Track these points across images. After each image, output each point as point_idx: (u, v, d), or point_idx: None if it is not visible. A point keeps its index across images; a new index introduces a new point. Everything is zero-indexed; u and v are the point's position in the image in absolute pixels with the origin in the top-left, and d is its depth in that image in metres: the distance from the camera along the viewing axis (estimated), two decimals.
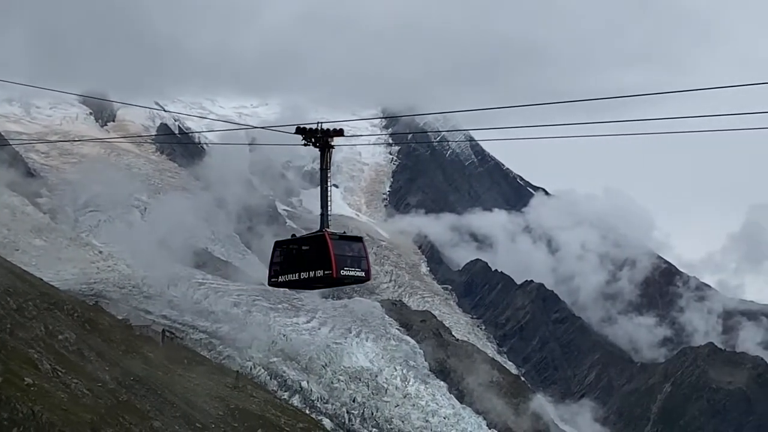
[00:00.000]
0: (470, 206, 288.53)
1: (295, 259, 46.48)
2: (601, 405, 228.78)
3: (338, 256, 44.99)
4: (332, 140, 43.90)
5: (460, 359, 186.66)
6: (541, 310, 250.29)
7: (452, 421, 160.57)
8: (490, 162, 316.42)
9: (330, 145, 43.97)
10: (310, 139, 43.69)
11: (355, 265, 45.68)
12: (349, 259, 45.50)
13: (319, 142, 43.75)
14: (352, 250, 45.90)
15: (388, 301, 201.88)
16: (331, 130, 43.93)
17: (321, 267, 45.20)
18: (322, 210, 45.54)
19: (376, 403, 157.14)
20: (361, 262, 46.05)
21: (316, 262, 45.43)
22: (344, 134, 44.34)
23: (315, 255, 45.45)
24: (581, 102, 40.41)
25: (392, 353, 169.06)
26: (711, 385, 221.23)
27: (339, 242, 45.42)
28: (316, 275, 45.42)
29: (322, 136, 43.67)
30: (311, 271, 45.69)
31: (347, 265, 45.36)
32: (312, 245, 45.83)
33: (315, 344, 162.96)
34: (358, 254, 45.90)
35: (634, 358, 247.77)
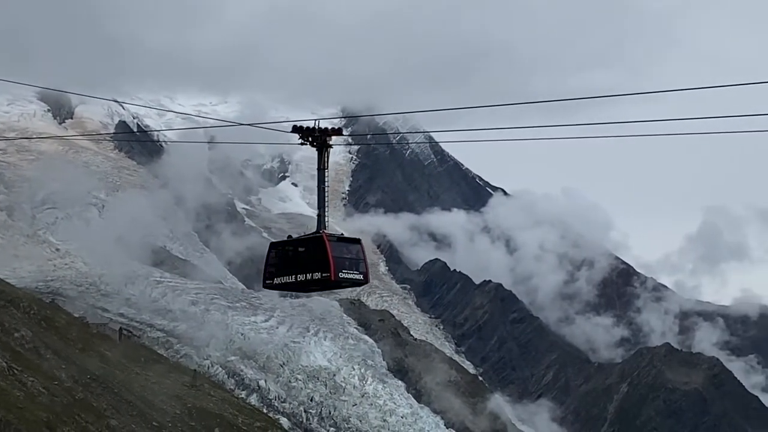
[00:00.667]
0: (429, 206, 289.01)
1: (291, 260, 45.29)
2: (559, 405, 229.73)
3: (336, 258, 43.98)
4: (330, 139, 43.09)
5: (418, 359, 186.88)
6: (499, 310, 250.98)
7: (410, 420, 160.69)
8: (450, 162, 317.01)
9: (328, 144, 43.10)
10: (307, 138, 42.85)
11: (353, 268, 44.69)
12: (347, 262, 44.51)
13: (317, 141, 42.91)
14: (350, 252, 44.87)
15: (347, 300, 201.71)
16: (329, 128, 43.10)
17: (318, 269, 44.16)
18: (319, 211, 44.48)
19: (333, 402, 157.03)
20: (359, 264, 45.03)
21: (313, 264, 44.33)
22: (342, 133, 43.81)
23: (312, 257, 44.33)
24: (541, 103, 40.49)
25: (350, 352, 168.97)
26: (667, 385, 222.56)
27: (337, 244, 44.41)
28: (314, 277, 44.44)
29: (320, 135, 42.81)
30: (308, 274, 44.60)
31: (345, 268, 44.37)
32: (309, 247, 44.66)
33: (273, 343, 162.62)
34: (356, 256, 44.90)
35: (592, 358, 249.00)
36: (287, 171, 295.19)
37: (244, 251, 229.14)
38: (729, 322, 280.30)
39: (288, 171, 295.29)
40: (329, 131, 42.93)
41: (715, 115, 40.13)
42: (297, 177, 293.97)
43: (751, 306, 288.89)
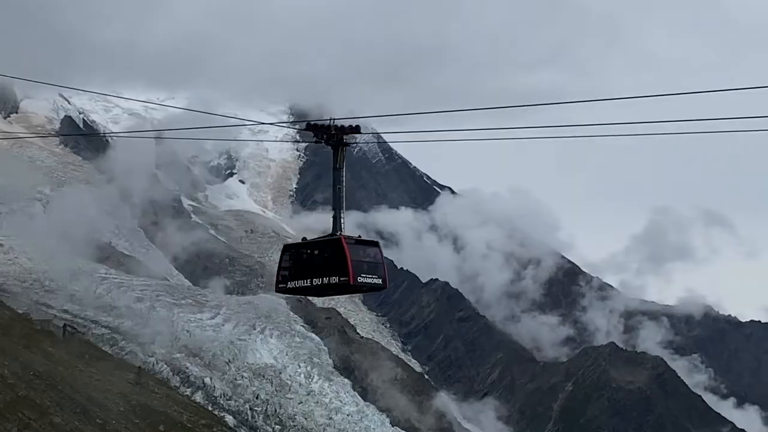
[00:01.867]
0: (376, 204, 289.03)
1: (306, 264, 43.65)
2: (504, 403, 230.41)
3: (355, 261, 42.51)
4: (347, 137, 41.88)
5: (364, 356, 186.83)
6: (445, 308, 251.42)
7: (356, 418, 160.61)
8: (398, 160, 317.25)
9: (345, 142, 42.00)
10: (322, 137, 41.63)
11: (372, 272, 43.03)
12: (365, 265, 42.94)
13: (332, 139, 41.76)
14: (368, 255, 43.33)
15: (293, 297, 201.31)
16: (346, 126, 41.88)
17: (336, 273, 42.51)
18: (334, 212, 43.62)
19: (279, 400, 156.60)
20: (378, 268, 43.42)
21: (330, 267, 42.69)
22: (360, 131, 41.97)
23: (329, 260, 42.77)
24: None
25: (296, 350, 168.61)
26: (611, 384, 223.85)
27: (355, 247, 43.08)
28: (331, 282, 42.82)
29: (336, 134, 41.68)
30: (325, 278, 42.93)
31: (364, 272, 42.75)
32: (326, 250, 43.17)
33: (219, 340, 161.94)
34: (375, 260, 43.41)
35: (537, 357, 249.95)
36: (234, 168, 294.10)
37: (190, 247, 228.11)
38: (673, 322, 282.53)
39: (235, 168, 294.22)
40: (346, 129, 41.75)
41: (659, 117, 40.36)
42: (244, 174, 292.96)
43: (695, 306, 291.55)
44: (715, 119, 39.91)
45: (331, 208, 44.60)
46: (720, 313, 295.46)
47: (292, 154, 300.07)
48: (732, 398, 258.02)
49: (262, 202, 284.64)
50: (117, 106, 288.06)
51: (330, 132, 41.66)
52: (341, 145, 42.21)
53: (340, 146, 42.20)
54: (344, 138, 41.99)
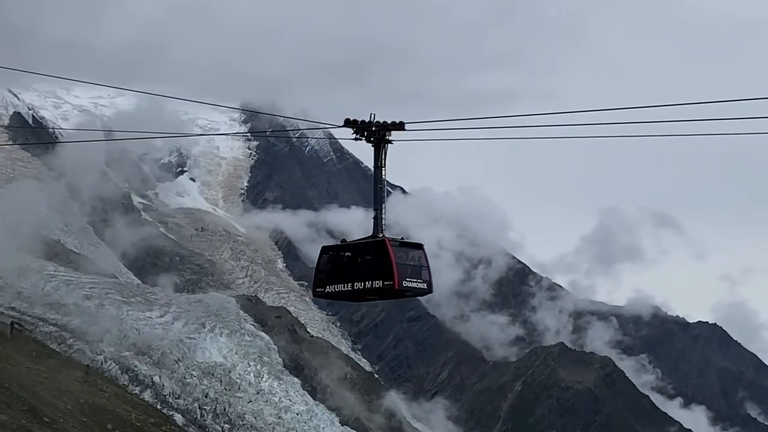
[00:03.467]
0: (328, 203, 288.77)
1: (346, 267, 41.51)
2: (454, 403, 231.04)
3: (400, 265, 40.44)
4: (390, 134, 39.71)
5: (314, 356, 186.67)
6: (396, 308, 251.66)
7: (305, 417, 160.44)
8: (349, 159, 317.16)
9: (387, 140, 39.84)
10: (363, 133, 39.57)
11: (416, 276, 41.00)
12: (410, 269, 40.96)
13: (374, 136, 39.71)
14: (413, 258, 41.27)
15: (244, 296, 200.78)
16: (389, 123, 39.62)
17: (379, 277, 40.43)
18: (375, 212, 41.61)
19: (228, 399, 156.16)
20: (422, 272, 41.36)
21: (373, 271, 40.62)
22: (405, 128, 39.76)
23: (372, 263, 40.73)
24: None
25: (246, 349, 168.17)
26: (560, 384, 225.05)
27: (400, 249, 41.10)
28: (374, 286, 40.74)
29: (378, 130, 39.61)
30: (367, 282, 40.82)
31: (409, 276, 40.72)
32: (368, 252, 41.23)
33: (168, 339, 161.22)
34: (419, 263, 41.38)
35: (487, 356, 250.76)
36: (185, 165, 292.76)
37: (140, 244, 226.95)
38: (622, 322, 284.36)
39: (186, 165, 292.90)
40: (389, 125, 39.68)
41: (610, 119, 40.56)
42: (195, 172, 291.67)
43: (644, 306, 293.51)
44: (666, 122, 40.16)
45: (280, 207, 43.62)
46: (668, 314, 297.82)
47: (243, 152, 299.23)
48: (679, 398, 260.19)
49: (212, 200, 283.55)
50: (67, 103, 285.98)
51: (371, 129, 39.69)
52: (383, 143, 40.09)
53: (382, 143, 40.09)
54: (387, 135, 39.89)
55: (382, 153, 40.31)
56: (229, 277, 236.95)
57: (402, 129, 39.69)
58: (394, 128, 39.65)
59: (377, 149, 40.20)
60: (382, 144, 40.06)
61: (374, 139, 39.88)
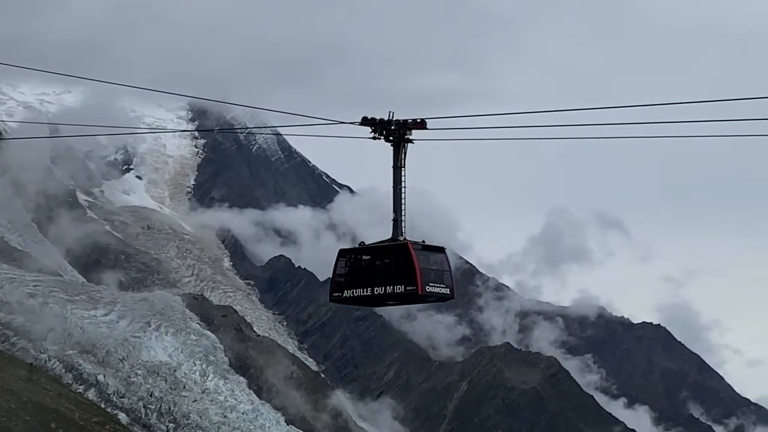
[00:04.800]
0: (275, 202, 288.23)
1: (365, 271, 40.08)
2: (400, 402, 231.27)
3: (423, 269, 39.13)
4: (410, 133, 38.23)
5: (260, 355, 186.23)
6: (343, 307, 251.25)
7: (251, 416, 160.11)
8: (297, 158, 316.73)
9: (408, 139, 38.33)
10: (381, 132, 37.97)
11: (438, 281, 39.74)
12: (432, 273, 39.61)
13: (394, 135, 38.15)
14: (435, 262, 39.91)
15: (190, 295, 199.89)
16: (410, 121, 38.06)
17: (401, 282, 39.09)
18: (394, 215, 40.04)
19: (173, 398, 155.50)
20: (445, 277, 40.07)
21: (395, 276, 39.24)
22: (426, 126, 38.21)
23: (394, 267, 39.30)
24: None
25: (192, 348, 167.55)
26: (506, 384, 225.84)
27: (422, 253, 39.72)
28: (395, 291, 39.52)
29: (397, 129, 38.05)
30: (388, 287, 39.47)
31: (431, 281, 39.43)
32: (389, 256, 39.64)
33: (113, 337, 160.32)
34: (441, 267, 40.08)
35: (433, 356, 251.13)
36: (131, 163, 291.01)
37: (85, 241, 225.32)
38: (567, 322, 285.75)
39: (132, 163, 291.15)
40: (410, 124, 38.12)
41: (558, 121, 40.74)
42: (141, 170, 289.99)
43: (589, 307, 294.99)
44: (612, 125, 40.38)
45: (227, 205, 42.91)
46: (613, 315, 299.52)
47: (190, 150, 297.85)
48: (623, 398, 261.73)
49: (159, 198, 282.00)
50: (12, 99, 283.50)
51: (390, 127, 38.15)
52: (403, 142, 38.54)
53: (402, 143, 38.53)
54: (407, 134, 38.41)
55: (402, 153, 38.89)
56: (175, 275, 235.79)
57: (424, 128, 38.38)
58: (415, 127, 38.37)
59: (396, 149, 38.76)
60: (402, 143, 38.67)
61: (394, 138, 38.50)
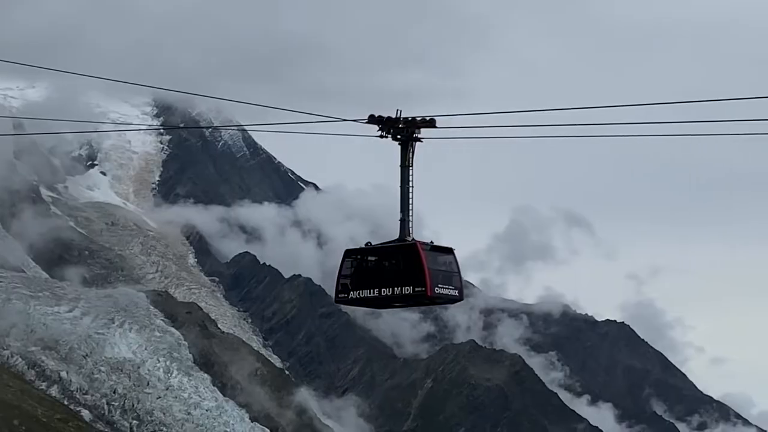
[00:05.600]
0: (240, 198, 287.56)
1: (372, 272, 39.31)
2: (364, 400, 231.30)
3: (432, 270, 38.39)
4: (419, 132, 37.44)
5: (224, 352, 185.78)
6: (308, 304, 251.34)
7: (215, 413, 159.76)
8: (262, 155, 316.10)
9: (416, 137, 37.57)
10: (389, 130, 37.20)
11: (447, 283, 38.94)
12: (441, 275, 38.83)
13: (402, 134, 37.34)
14: (444, 263, 39.12)
15: (154, 291, 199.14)
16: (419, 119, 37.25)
17: (410, 283, 38.26)
18: (402, 215, 39.52)
19: (137, 395, 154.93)
20: (454, 278, 39.38)
21: (403, 277, 38.45)
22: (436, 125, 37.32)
23: (402, 269, 38.55)
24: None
25: (156, 344, 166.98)
26: (470, 381, 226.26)
27: (431, 254, 38.88)
28: (403, 293, 38.59)
29: (406, 127, 37.20)
30: (396, 288, 38.62)
31: (440, 282, 38.64)
32: (397, 256, 38.95)
33: (76, 334, 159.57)
34: (450, 269, 39.33)
35: (397, 353, 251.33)
36: (96, 159, 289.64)
37: (48, 236, 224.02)
38: (532, 320, 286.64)
39: (97, 159, 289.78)
40: (418, 122, 37.27)
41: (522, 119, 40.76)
42: (106, 165, 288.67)
43: (553, 304, 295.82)
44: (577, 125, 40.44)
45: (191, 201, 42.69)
46: (577, 312, 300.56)
47: (155, 146, 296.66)
48: (586, 396, 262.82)
49: (123, 194, 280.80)
50: None
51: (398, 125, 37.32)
52: (412, 140, 37.73)
53: (410, 141, 37.71)
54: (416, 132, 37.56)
55: (410, 152, 38.11)
56: (140, 272, 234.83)
57: (433, 126, 37.63)
58: (424, 125, 37.62)
59: (404, 148, 37.99)
60: (410, 142, 37.90)
61: (402, 136, 37.72)
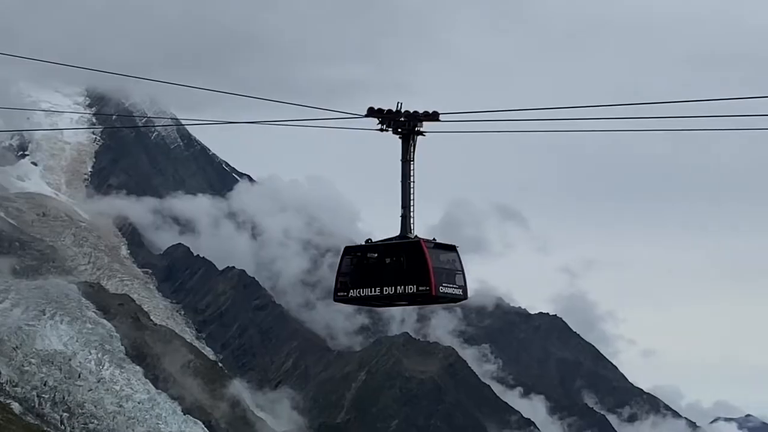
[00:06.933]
0: (174, 190, 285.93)
1: (373, 270, 37.84)
2: (298, 392, 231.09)
3: (436, 269, 37.28)
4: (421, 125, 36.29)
5: (157, 344, 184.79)
6: (241, 296, 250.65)
7: (147, 406, 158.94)
8: (196, 146, 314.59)
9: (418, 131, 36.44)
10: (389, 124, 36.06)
11: (451, 281, 38.09)
12: (445, 274, 37.80)
13: (403, 127, 36.24)
14: (448, 261, 38.03)
15: (86, 283, 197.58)
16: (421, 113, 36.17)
17: (414, 282, 37.08)
18: (403, 210, 38.02)
19: (68, 387, 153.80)
20: (457, 276, 38.46)
21: (406, 275, 37.19)
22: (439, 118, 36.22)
23: (405, 267, 37.22)
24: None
25: (87, 336, 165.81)
26: (404, 373, 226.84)
27: (435, 251, 37.60)
28: (407, 292, 37.46)
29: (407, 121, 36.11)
30: (399, 287, 37.39)
31: (444, 281, 37.67)
32: (400, 254, 37.44)
33: (6, 325, 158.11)
34: (454, 267, 38.30)
35: (331, 345, 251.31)
36: (27, 149, 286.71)
37: None
38: (466, 312, 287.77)
39: (28, 149, 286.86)
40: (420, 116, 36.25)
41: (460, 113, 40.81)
42: (37, 156, 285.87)
43: (487, 297, 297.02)
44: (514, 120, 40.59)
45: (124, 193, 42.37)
46: (510, 305, 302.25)
47: (87, 137, 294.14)
48: (519, 388, 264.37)
49: (55, 184, 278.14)
50: None
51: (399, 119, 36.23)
52: (413, 134, 36.64)
53: (412, 135, 36.63)
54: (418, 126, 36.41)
55: (412, 146, 37.05)
56: (71, 263, 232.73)
57: (436, 119, 36.53)
58: (427, 119, 36.60)
59: (406, 141, 36.91)
60: (412, 136, 36.83)
61: (403, 130, 36.65)
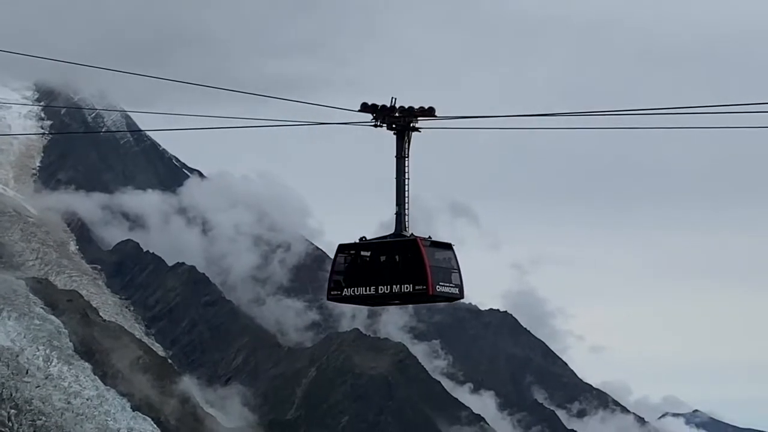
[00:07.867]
0: (123, 185, 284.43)
1: (368, 268, 37.23)
2: (249, 389, 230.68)
3: (433, 267, 36.67)
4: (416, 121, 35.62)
5: (106, 340, 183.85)
6: (191, 292, 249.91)
7: (95, 402, 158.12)
8: (146, 142, 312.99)
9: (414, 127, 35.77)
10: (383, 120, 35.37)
11: (448, 280, 37.45)
12: (442, 272, 37.24)
13: (398, 123, 35.59)
14: (444, 260, 37.44)
15: (33, 279, 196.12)
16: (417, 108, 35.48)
17: (410, 281, 36.53)
18: (398, 208, 37.08)
19: (15, 384, 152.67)
20: (454, 275, 37.79)
21: (402, 274, 36.61)
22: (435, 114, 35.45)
23: (401, 265, 36.64)
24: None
25: (35, 333, 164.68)
26: (354, 370, 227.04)
27: (431, 250, 36.88)
28: (402, 290, 36.93)
29: (402, 117, 35.49)
30: (394, 285, 36.80)
31: (441, 280, 37.05)
32: (395, 253, 36.77)
33: None
34: (451, 265, 37.68)
35: (282, 342, 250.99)
36: None
37: None
38: (416, 308, 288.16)
39: None
40: (416, 111, 35.56)
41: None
42: None
43: None
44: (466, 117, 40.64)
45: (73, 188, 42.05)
46: (461, 302, 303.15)
47: (36, 131, 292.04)
48: (469, 384, 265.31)
49: (2, 179, 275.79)
50: None
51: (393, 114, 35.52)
52: (408, 130, 35.97)
53: (407, 131, 35.95)
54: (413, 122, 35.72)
55: (406, 142, 36.42)
56: (19, 258, 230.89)
57: (432, 116, 35.79)
58: (422, 114, 35.88)
59: (400, 138, 36.25)
60: (406, 132, 36.16)
61: (397, 126, 36.05)
